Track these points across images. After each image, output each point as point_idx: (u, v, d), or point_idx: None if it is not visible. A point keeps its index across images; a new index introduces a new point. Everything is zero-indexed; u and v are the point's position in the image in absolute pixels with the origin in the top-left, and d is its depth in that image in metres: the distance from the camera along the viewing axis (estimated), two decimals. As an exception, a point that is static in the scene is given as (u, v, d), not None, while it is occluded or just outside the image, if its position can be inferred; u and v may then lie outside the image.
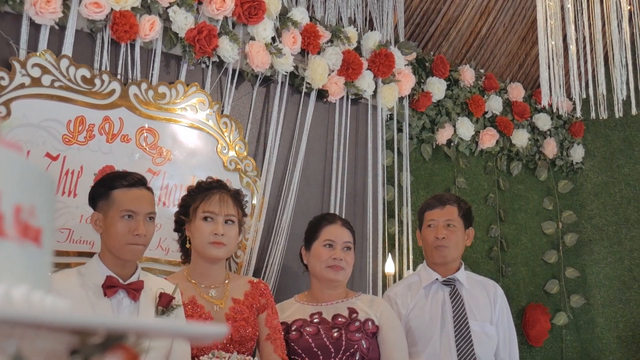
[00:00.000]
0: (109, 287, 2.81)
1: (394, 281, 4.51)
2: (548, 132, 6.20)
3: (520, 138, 5.93)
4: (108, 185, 2.89)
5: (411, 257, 4.87)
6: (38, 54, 3.35)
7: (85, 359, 0.79)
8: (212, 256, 3.18)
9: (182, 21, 3.80)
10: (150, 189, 2.99)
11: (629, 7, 3.77)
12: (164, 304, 2.92)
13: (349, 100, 4.69)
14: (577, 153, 6.31)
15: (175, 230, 3.34)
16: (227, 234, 3.16)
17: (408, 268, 4.82)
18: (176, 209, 3.39)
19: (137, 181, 2.91)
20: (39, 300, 0.77)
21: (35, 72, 3.33)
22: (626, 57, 3.79)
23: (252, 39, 4.12)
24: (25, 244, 0.81)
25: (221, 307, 3.16)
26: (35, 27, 3.41)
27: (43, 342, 0.79)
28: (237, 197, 3.27)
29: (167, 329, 0.83)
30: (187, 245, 3.25)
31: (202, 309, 3.12)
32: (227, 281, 3.26)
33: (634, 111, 3.79)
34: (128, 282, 2.87)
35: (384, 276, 4.62)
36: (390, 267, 4.60)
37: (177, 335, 0.85)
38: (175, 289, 3.00)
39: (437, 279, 3.81)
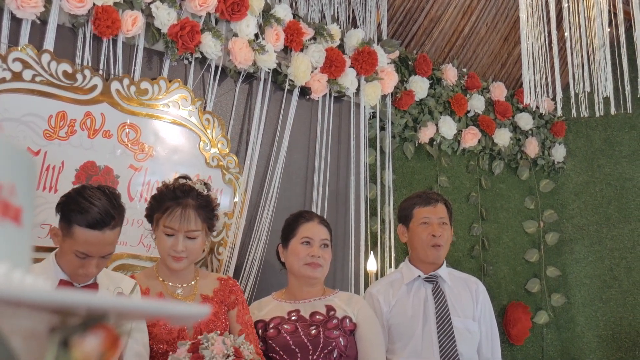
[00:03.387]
0: None
1: (376, 279, 4.51)
2: (530, 132, 6.23)
3: (502, 137, 5.96)
4: (70, 217, 2.69)
5: (393, 255, 4.87)
6: (19, 48, 3.33)
7: (65, 339, 0.78)
8: (172, 268, 3.14)
9: (165, 17, 3.79)
10: (115, 226, 2.74)
11: (608, 7, 3.79)
12: None
13: (332, 98, 4.69)
14: (559, 152, 6.35)
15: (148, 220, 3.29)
16: (188, 247, 3.09)
17: (390, 266, 4.82)
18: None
19: (98, 222, 2.67)
20: (19, 279, 0.76)
21: (16, 67, 3.31)
22: (607, 56, 3.80)
23: (235, 35, 4.11)
24: (5, 223, 0.80)
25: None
26: (16, 22, 3.39)
27: (23, 321, 0.79)
28: (203, 208, 3.14)
29: (149, 309, 0.83)
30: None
31: None
32: (194, 282, 3.23)
33: (612, 111, 3.81)
34: (82, 285, 2.81)
35: (366, 274, 4.62)
36: (372, 265, 4.60)
37: (159, 315, 0.85)
38: (135, 286, 2.98)
39: (419, 275, 3.82)
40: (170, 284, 3.18)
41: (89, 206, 2.67)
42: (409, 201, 3.96)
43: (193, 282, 3.23)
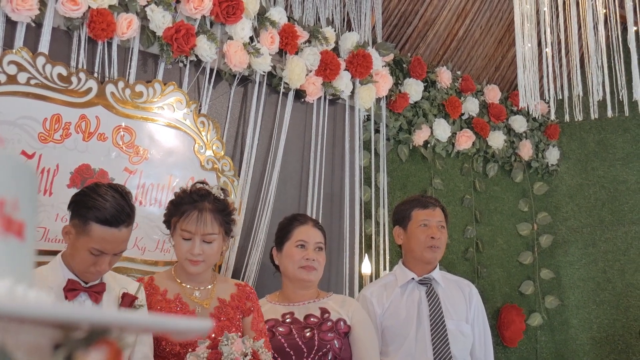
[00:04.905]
0: (70, 290, 2.77)
1: (371, 282, 4.51)
2: (524, 134, 6.24)
3: (496, 140, 5.96)
4: (86, 214, 2.72)
5: (387, 257, 4.87)
6: (14, 51, 3.32)
7: (69, 354, 0.78)
8: (189, 272, 3.14)
9: (160, 20, 3.78)
10: (129, 224, 2.80)
11: (604, 11, 3.79)
12: (127, 304, 2.88)
13: (327, 101, 4.69)
14: (553, 155, 6.35)
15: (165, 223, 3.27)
16: (205, 251, 3.09)
17: (384, 269, 4.82)
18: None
19: (115, 219, 2.71)
20: (22, 294, 0.76)
21: (11, 70, 3.30)
22: (602, 60, 3.81)
23: (230, 38, 4.11)
24: (8, 238, 0.80)
25: (206, 306, 3.14)
26: (11, 24, 3.38)
27: (27, 336, 0.79)
28: (219, 212, 3.14)
29: (151, 324, 0.83)
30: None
31: (186, 307, 3.10)
32: (210, 285, 3.23)
33: (609, 114, 3.82)
34: (90, 284, 2.83)
35: (361, 277, 4.62)
36: (366, 267, 4.61)
37: (161, 329, 0.85)
38: (139, 288, 2.99)
39: (413, 278, 3.83)
40: (188, 286, 3.19)
41: (105, 203, 2.71)
42: (406, 204, 3.97)
43: (210, 286, 3.23)
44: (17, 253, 0.82)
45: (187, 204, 3.11)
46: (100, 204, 2.71)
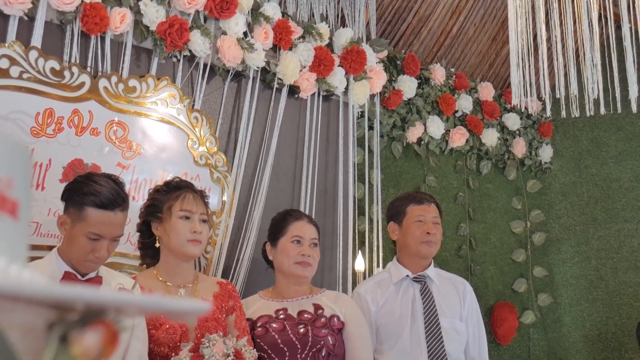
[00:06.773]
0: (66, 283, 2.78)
1: (364, 278, 4.50)
2: (517, 132, 6.24)
3: (490, 137, 5.97)
4: (82, 199, 2.76)
5: (381, 254, 4.87)
6: (6, 44, 3.30)
7: (64, 334, 0.77)
8: (190, 254, 3.18)
9: (153, 14, 3.77)
10: (124, 208, 2.85)
11: (598, 8, 3.79)
12: None
13: (320, 97, 4.68)
14: (546, 153, 6.36)
15: (139, 230, 3.31)
16: (203, 231, 3.18)
17: (378, 265, 4.82)
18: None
19: (111, 202, 2.77)
20: (16, 273, 0.75)
21: (4, 64, 3.28)
22: (597, 57, 3.81)
23: (224, 33, 4.10)
24: (1, 217, 0.79)
25: None
26: (3, 18, 3.37)
27: (21, 316, 0.78)
28: (203, 197, 3.29)
29: (148, 304, 0.81)
30: (157, 245, 3.23)
31: None
32: (195, 282, 3.25)
33: (602, 111, 3.82)
34: (86, 278, 2.83)
35: (354, 273, 4.62)
36: (360, 264, 4.60)
37: (159, 310, 0.84)
38: (135, 284, 2.98)
39: (407, 275, 3.82)
40: (172, 285, 3.19)
41: (100, 188, 2.77)
42: (401, 200, 3.95)
43: (193, 284, 3.24)
44: (11, 232, 0.81)
45: (180, 189, 3.22)
46: (95, 189, 2.76)
